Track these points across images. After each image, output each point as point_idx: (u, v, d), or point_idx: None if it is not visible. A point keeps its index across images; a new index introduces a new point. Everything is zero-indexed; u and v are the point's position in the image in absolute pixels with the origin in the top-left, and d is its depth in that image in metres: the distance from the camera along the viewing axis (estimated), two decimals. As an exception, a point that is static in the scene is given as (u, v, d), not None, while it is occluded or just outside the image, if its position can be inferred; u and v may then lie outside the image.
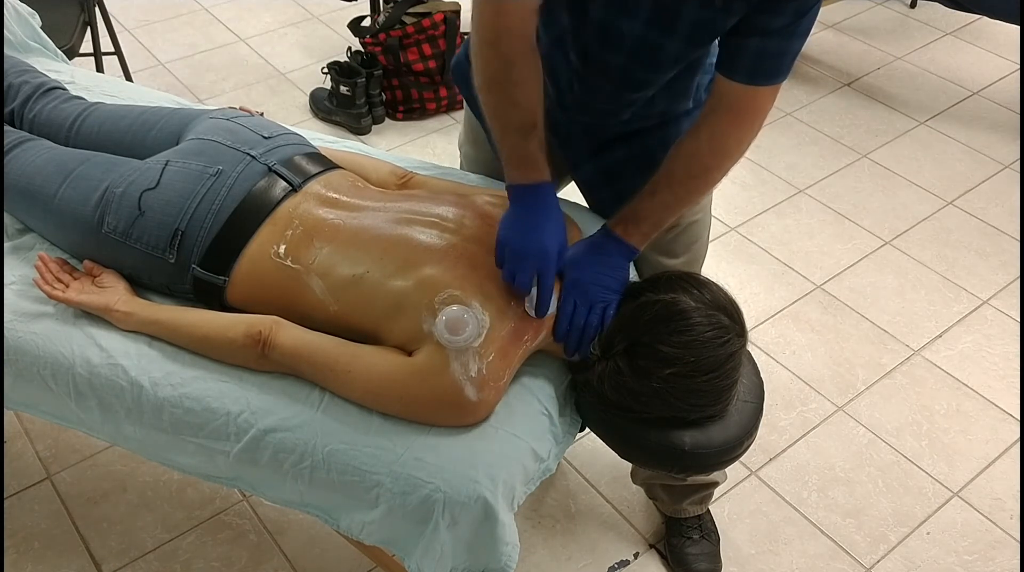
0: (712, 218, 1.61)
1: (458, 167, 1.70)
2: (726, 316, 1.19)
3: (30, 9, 1.99)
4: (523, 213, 1.24)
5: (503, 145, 1.25)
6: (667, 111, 1.42)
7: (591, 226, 1.37)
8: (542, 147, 1.23)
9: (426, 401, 1.20)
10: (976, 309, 2.42)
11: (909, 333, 2.34)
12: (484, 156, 1.59)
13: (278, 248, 1.31)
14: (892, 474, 2.01)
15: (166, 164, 1.38)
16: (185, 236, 1.32)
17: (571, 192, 1.61)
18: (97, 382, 1.29)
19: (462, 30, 2.96)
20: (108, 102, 1.65)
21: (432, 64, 2.93)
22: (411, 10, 2.92)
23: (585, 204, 1.58)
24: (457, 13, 2.97)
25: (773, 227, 2.65)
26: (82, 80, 1.82)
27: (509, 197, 1.26)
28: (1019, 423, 2.13)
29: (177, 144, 1.46)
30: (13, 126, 1.60)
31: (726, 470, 1.73)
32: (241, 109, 1.59)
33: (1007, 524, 1.93)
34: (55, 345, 1.32)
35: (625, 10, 1.22)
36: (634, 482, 1.86)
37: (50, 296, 1.33)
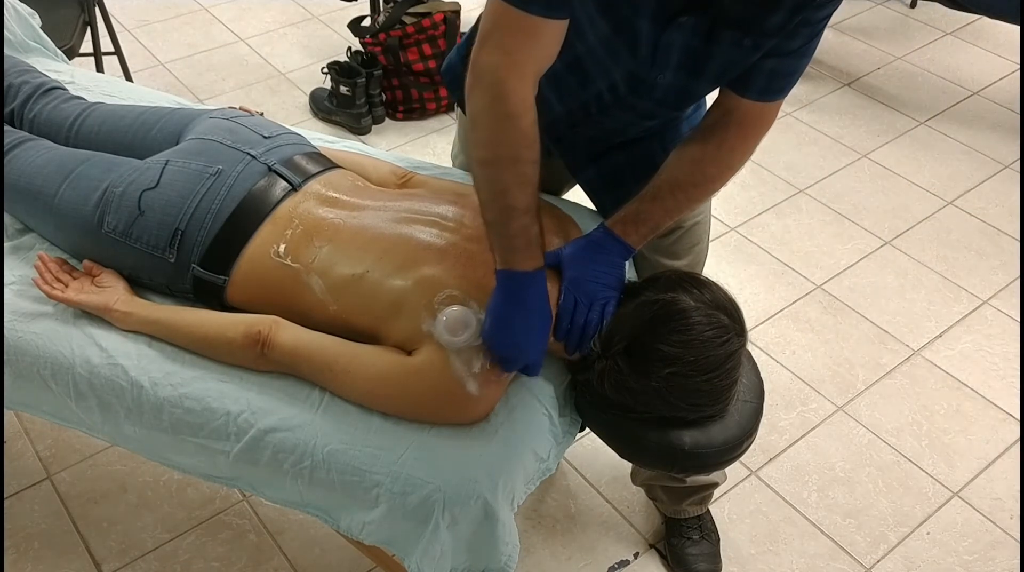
0: (712, 218, 1.61)
1: (457, 167, 1.70)
2: (726, 315, 1.19)
3: (30, 9, 1.99)
4: (514, 311, 1.17)
5: (505, 228, 1.15)
6: (671, 119, 1.43)
7: (591, 226, 1.36)
8: (542, 229, 1.18)
9: (426, 399, 1.20)
10: (976, 309, 2.42)
11: (909, 333, 2.34)
12: None
13: (278, 247, 1.31)
14: (892, 474, 2.01)
15: (166, 164, 1.38)
16: (185, 236, 1.32)
17: (573, 194, 1.61)
18: (97, 382, 1.29)
19: (462, 30, 2.96)
20: (108, 102, 1.65)
21: (432, 64, 2.93)
22: (411, 10, 2.92)
23: (586, 204, 1.58)
24: (457, 13, 2.97)
25: (773, 227, 2.65)
26: (82, 80, 1.82)
27: (499, 283, 1.17)
28: (1019, 423, 2.13)
29: (177, 144, 1.46)
30: (13, 126, 1.60)
31: (726, 470, 1.73)
32: (241, 109, 1.59)
33: (1007, 524, 1.93)
34: (55, 345, 1.32)
35: (656, 64, 1.22)
36: (634, 483, 1.86)
37: (49, 296, 1.33)
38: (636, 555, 1.86)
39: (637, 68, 1.23)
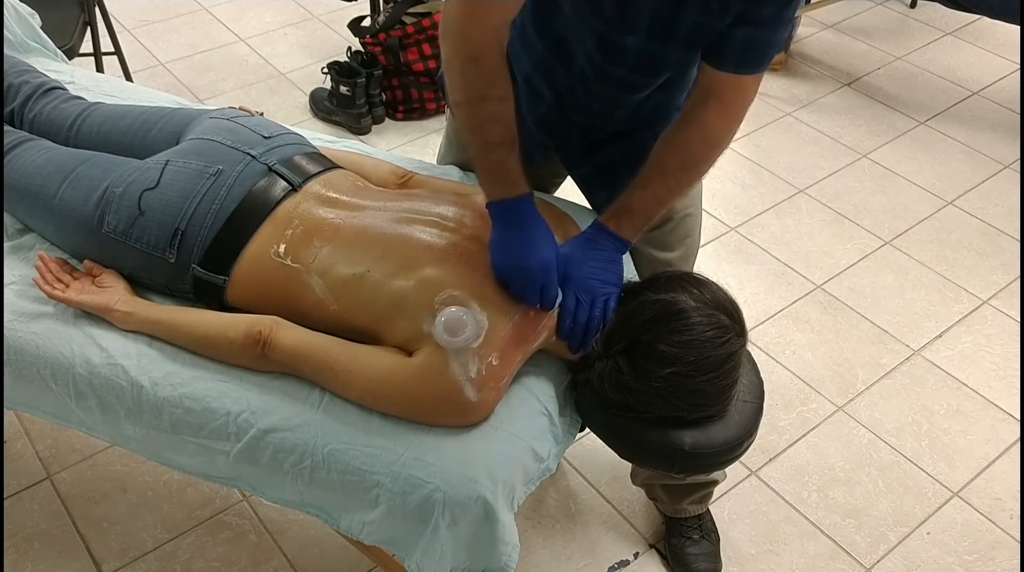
0: (712, 218, 1.62)
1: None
2: (726, 315, 1.19)
3: (30, 9, 1.99)
4: (513, 233, 1.24)
5: (485, 162, 1.24)
6: (661, 106, 1.43)
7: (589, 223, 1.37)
8: (520, 159, 1.23)
9: (425, 401, 1.20)
10: (976, 309, 2.42)
11: (909, 333, 2.34)
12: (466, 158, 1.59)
13: (278, 247, 1.31)
14: (892, 474, 2.01)
15: (166, 164, 1.38)
16: (185, 236, 1.32)
17: (571, 192, 1.61)
18: (97, 382, 1.29)
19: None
20: (108, 102, 1.65)
21: (432, 64, 2.93)
22: (411, 10, 2.92)
23: (584, 203, 1.58)
24: (457, 13, 2.96)
25: (773, 227, 2.65)
26: (82, 80, 1.82)
27: (493, 216, 1.25)
28: (1019, 423, 2.13)
29: (177, 144, 1.46)
30: (13, 126, 1.60)
31: (726, 470, 1.73)
32: (241, 109, 1.59)
33: (1007, 524, 1.93)
34: (55, 345, 1.32)
35: (626, 26, 1.23)
36: (634, 483, 1.86)
37: (50, 296, 1.33)
38: (636, 555, 1.86)
39: (606, 29, 1.25)
